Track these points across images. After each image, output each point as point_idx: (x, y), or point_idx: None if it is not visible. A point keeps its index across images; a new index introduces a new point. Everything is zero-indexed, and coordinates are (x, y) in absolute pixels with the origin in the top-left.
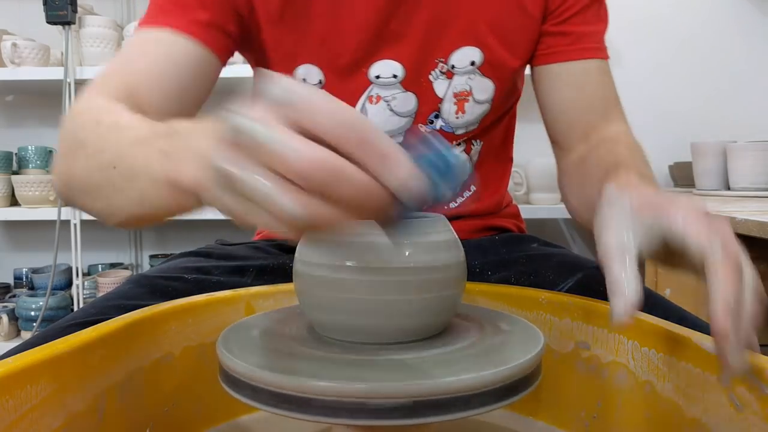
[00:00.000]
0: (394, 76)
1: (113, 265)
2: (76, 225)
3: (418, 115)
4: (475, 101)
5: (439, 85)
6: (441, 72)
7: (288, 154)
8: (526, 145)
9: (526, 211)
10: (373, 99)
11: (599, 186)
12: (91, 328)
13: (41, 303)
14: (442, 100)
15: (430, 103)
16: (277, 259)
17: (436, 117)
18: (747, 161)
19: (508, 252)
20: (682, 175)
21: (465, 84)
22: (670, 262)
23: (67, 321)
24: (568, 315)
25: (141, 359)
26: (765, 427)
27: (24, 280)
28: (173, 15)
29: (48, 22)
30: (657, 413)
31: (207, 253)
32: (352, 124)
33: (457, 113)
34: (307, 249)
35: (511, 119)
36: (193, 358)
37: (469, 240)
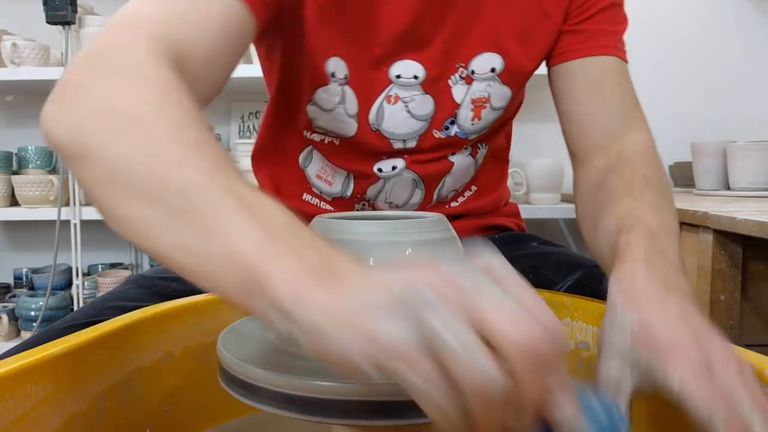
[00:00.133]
0: (415, 77)
1: (113, 265)
2: (76, 225)
3: (434, 120)
4: (491, 108)
5: (458, 91)
6: (460, 77)
7: (475, 378)
8: (526, 145)
9: (526, 211)
10: (392, 99)
11: (608, 247)
12: (91, 328)
13: (41, 303)
14: (459, 105)
15: (447, 108)
16: None
17: (452, 123)
18: (747, 161)
19: (508, 251)
20: (682, 175)
21: (484, 91)
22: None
23: (65, 322)
24: (568, 315)
25: (141, 359)
26: None
27: (24, 280)
28: None
29: (48, 22)
30: (657, 413)
31: None
32: (536, 352)
33: (473, 120)
34: None
35: (511, 120)
36: (193, 358)
37: (469, 239)
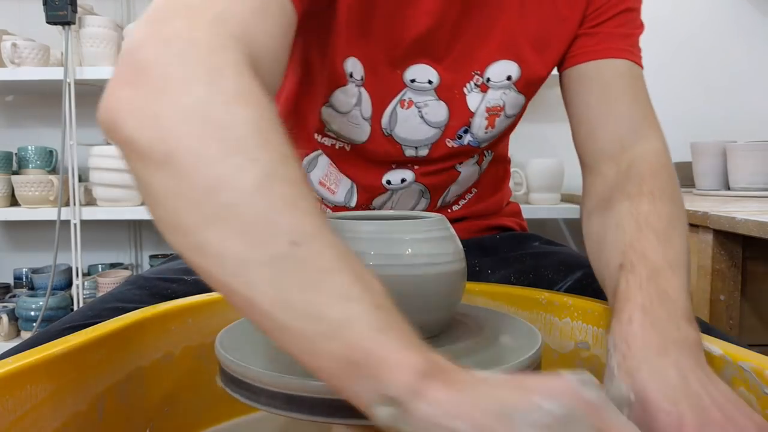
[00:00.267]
0: (429, 82)
1: (113, 265)
2: (76, 225)
3: (447, 128)
4: (505, 116)
5: (472, 99)
6: (476, 84)
7: None
8: (526, 145)
9: (526, 211)
10: (405, 103)
11: (611, 283)
12: (90, 328)
13: (41, 303)
14: (473, 114)
15: (461, 116)
16: None
17: (465, 132)
18: (747, 161)
19: (509, 250)
20: (682, 175)
21: (499, 99)
22: None
23: (63, 323)
24: (568, 315)
25: (141, 359)
26: None
27: (24, 280)
28: None
29: (48, 22)
30: None
31: None
32: None
33: (487, 128)
34: None
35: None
36: (193, 358)
37: (471, 239)
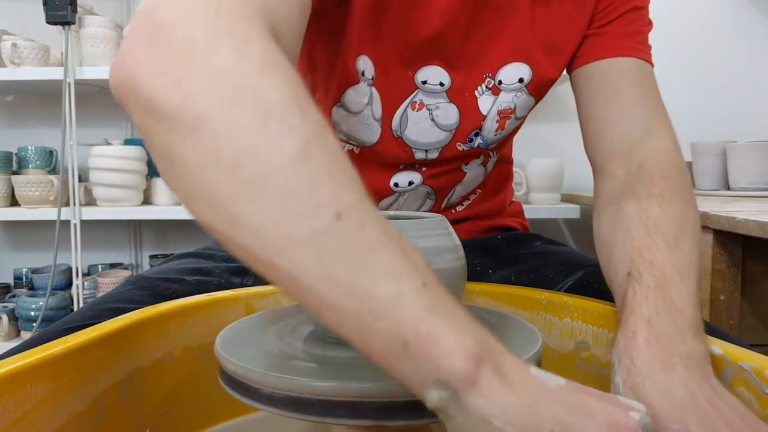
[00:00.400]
0: (441, 84)
1: (113, 265)
2: (76, 225)
3: (458, 132)
4: (515, 118)
5: (484, 102)
6: (487, 87)
7: None
8: (526, 145)
9: (526, 211)
10: (416, 105)
11: (619, 291)
12: (90, 328)
13: (41, 303)
14: (485, 117)
15: (472, 120)
16: None
17: (476, 135)
18: (747, 161)
19: (510, 250)
20: None
21: (510, 101)
22: None
23: (64, 324)
24: (568, 315)
25: (141, 359)
26: None
27: (24, 280)
28: None
29: (48, 22)
30: None
31: (209, 254)
32: None
33: (497, 131)
34: None
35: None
36: (193, 358)
37: (473, 239)
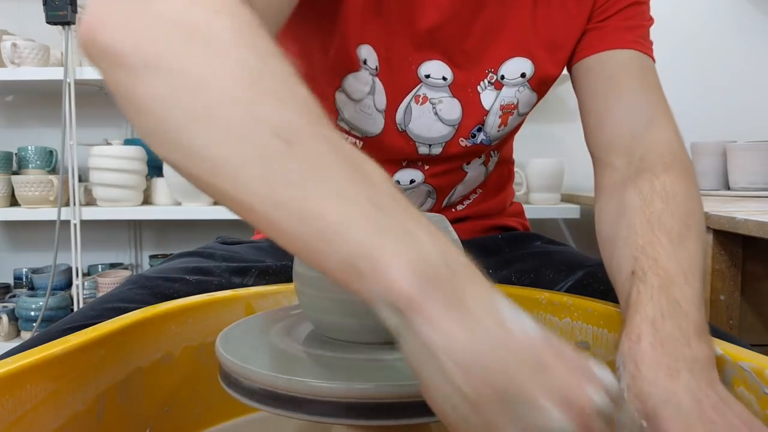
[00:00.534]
0: (444, 79)
1: (113, 265)
2: (76, 225)
3: (461, 127)
4: (518, 114)
5: (487, 97)
6: (489, 82)
7: None
8: (526, 145)
9: (526, 211)
10: (420, 99)
11: (622, 290)
12: (90, 328)
13: (41, 303)
14: (487, 112)
15: (475, 115)
16: (280, 260)
17: (479, 130)
18: (747, 161)
19: (511, 250)
20: None
21: (513, 97)
22: None
23: (64, 324)
24: (568, 315)
25: (141, 359)
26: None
27: (24, 280)
28: None
29: (48, 22)
30: None
31: (209, 254)
32: None
33: (500, 126)
34: None
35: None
36: (193, 358)
37: (474, 239)
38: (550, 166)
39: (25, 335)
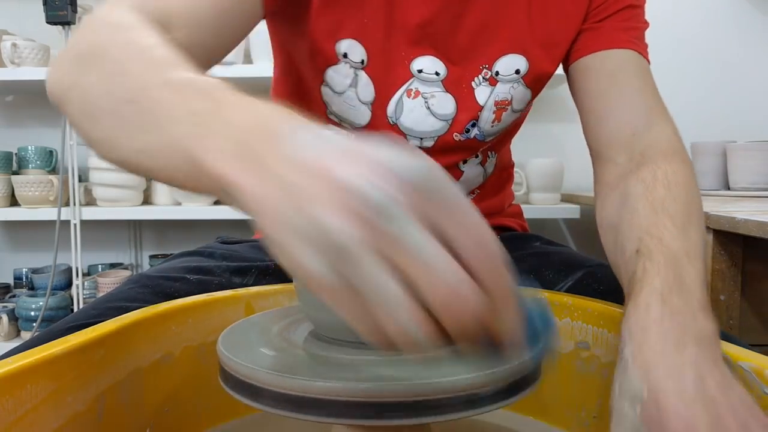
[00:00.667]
0: (437, 74)
1: (113, 265)
2: (76, 225)
3: (455, 122)
4: (512, 110)
5: (481, 93)
6: (484, 78)
7: (437, 278)
8: (526, 145)
9: (525, 211)
10: (412, 92)
11: (626, 270)
12: (90, 328)
13: (41, 303)
14: (482, 108)
15: (469, 110)
16: None
17: (473, 125)
18: (747, 161)
19: (510, 251)
20: None
21: (507, 93)
22: None
23: (67, 323)
24: (568, 315)
25: (141, 359)
26: None
27: (24, 280)
28: None
29: (48, 22)
30: None
31: (209, 253)
32: (490, 251)
33: (494, 122)
34: None
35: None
36: (193, 358)
37: None
38: (550, 166)
39: (25, 335)
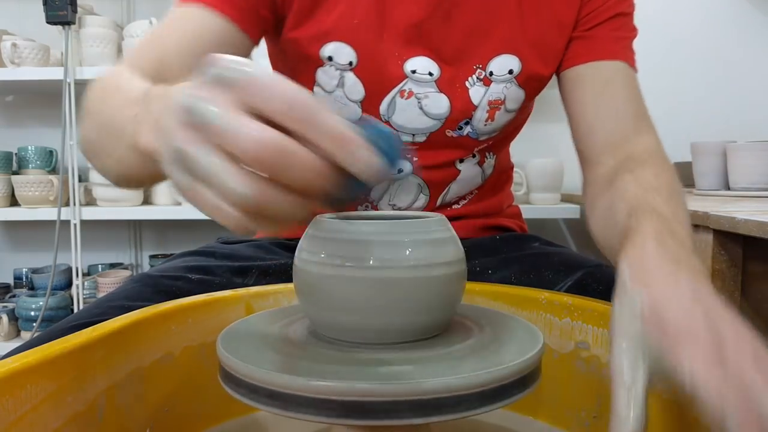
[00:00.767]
0: (430, 74)
1: (113, 265)
2: (76, 225)
3: (448, 121)
4: (506, 110)
5: (475, 92)
6: (478, 78)
7: (237, 135)
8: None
9: (525, 211)
10: (405, 93)
11: (618, 232)
12: (90, 328)
13: (41, 303)
14: (476, 107)
15: (463, 109)
16: (281, 258)
17: (466, 123)
18: (747, 161)
19: (509, 251)
20: (682, 175)
21: (500, 92)
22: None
23: (69, 322)
24: (568, 315)
25: (141, 359)
26: None
27: (24, 280)
28: None
29: (48, 22)
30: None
31: (210, 253)
32: (304, 105)
33: (487, 121)
34: (306, 247)
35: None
36: (193, 358)
37: (471, 239)
38: (549, 167)
39: (25, 335)
